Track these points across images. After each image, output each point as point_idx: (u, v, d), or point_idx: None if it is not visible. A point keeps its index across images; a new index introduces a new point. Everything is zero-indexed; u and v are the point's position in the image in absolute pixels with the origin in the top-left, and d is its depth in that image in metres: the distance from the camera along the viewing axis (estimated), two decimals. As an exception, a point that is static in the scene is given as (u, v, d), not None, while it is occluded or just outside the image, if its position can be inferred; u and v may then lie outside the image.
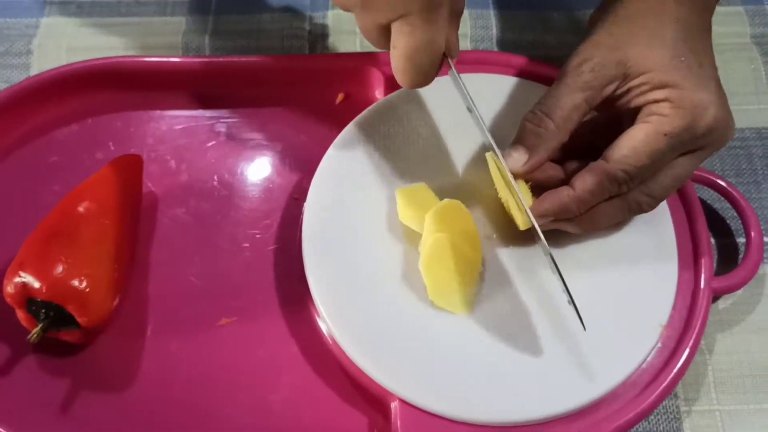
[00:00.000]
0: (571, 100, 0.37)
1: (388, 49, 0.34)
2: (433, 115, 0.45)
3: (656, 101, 0.37)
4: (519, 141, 0.38)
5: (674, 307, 0.40)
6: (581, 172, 0.37)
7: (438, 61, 0.34)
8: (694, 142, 0.37)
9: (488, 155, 0.40)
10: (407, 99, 0.45)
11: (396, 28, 0.33)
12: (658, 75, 0.37)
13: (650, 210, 0.39)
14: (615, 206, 0.38)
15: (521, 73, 0.47)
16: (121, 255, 0.41)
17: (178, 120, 0.48)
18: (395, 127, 0.45)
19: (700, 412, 0.41)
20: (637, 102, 0.37)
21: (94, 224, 0.40)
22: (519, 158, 0.38)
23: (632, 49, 0.37)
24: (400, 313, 0.39)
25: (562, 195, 0.37)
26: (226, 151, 0.47)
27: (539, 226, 0.37)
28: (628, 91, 0.38)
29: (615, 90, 0.38)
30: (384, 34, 0.34)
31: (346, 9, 0.34)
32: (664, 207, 0.42)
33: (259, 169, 0.46)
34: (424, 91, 0.44)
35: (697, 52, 0.37)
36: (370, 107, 0.45)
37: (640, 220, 0.42)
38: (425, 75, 0.34)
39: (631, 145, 0.36)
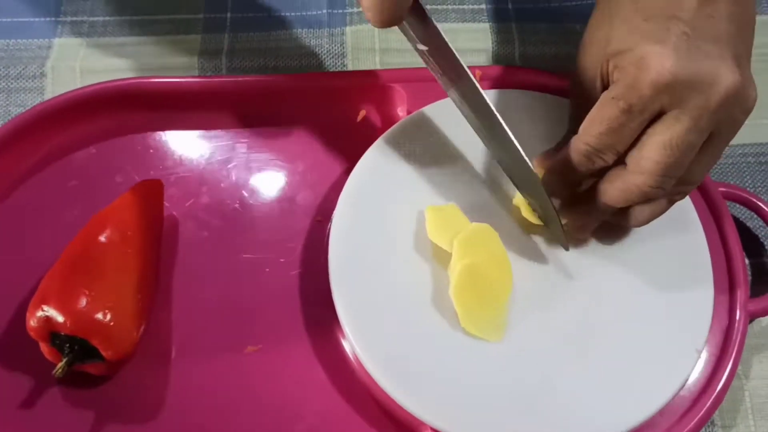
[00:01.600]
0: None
1: None
2: (459, 131, 0.44)
3: (614, 67, 0.36)
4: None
5: (710, 332, 0.39)
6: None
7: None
8: (652, 101, 0.34)
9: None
10: (433, 116, 0.44)
11: None
12: (618, 43, 0.36)
13: (652, 195, 0.36)
14: (617, 187, 0.37)
15: (544, 88, 0.46)
16: (144, 284, 0.40)
17: (197, 141, 0.47)
18: (420, 146, 0.44)
19: (737, 438, 0.40)
20: (612, 70, 0.37)
21: (116, 254, 0.39)
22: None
23: (612, 35, 0.37)
24: (430, 339, 0.39)
25: (548, 158, 0.39)
26: (246, 172, 0.46)
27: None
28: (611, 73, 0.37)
29: (602, 82, 0.38)
30: None
31: None
32: (697, 227, 0.41)
33: (280, 191, 0.46)
34: (449, 109, 0.43)
35: (656, 4, 0.35)
36: (394, 125, 0.44)
37: (674, 241, 0.41)
38: (392, 12, 0.33)
39: (588, 117, 0.36)
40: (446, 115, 0.44)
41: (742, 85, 0.34)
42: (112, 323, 0.37)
